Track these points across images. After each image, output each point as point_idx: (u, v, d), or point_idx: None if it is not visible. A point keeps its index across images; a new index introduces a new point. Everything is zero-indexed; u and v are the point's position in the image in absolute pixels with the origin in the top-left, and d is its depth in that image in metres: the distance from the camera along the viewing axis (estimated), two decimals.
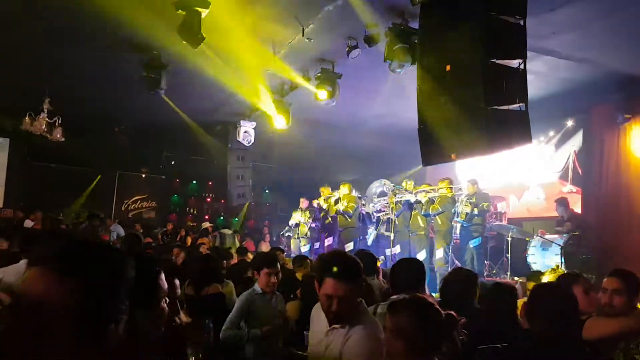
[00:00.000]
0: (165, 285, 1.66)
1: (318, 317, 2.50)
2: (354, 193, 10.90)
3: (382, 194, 11.67)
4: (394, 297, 2.34)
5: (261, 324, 3.91)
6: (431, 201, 9.43)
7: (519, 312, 3.22)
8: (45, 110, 8.91)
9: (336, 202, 10.61)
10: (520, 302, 3.42)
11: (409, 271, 4.77)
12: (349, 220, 10.41)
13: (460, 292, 3.51)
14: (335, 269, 2.35)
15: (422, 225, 9.60)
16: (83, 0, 6.24)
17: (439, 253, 9.10)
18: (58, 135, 9.34)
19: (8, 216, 12.63)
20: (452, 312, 2.12)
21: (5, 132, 12.53)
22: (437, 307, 2.07)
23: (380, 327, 2.36)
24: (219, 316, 3.87)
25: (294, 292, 4.91)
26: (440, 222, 9.22)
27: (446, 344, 2.08)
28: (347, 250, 9.09)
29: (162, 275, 1.65)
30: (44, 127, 8.88)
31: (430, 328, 1.98)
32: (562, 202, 8.92)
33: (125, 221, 14.21)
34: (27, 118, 8.87)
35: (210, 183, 17.56)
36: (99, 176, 15.17)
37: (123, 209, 16.34)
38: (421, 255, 9.25)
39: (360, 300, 2.45)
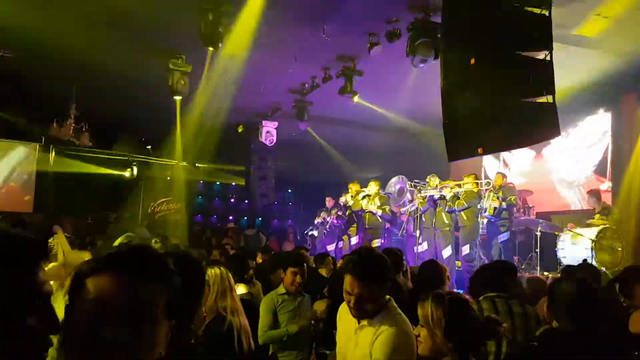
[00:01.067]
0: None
1: (346, 315, 2.48)
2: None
3: (401, 191, 11.58)
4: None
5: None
6: (456, 197, 9.30)
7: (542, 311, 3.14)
8: (72, 116, 9.10)
9: (363, 198, 10.52)
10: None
11: (434, 271, 4.76)
12: (380, 220, 10.29)
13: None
14: (353, 266, 2.33)
15: (446, 221, 9.47)
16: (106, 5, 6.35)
17: (465, 249, 8.97)
18: (86, 141, 9.53)
19: (38, 221, 12.92)
20: (495, 317, 2.09)
21: (34, 139, 12.80)
22: (471, 305, 2.08)
23: (409, 325, 2.33)
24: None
25: (320, 291, 4.90)
26: (465, 218, 9.08)
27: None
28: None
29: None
30: (71, 132, 9.07)
31: (464, 324, 1.96)
32: (595, 194, 8.69)
33: (153, 223, 14.40)
34: (54, 124, 9.07)
35: (233, 184, 17.68)
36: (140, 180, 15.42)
37: (150, 211, 16.57)
38: (446, 252, 9.12)
39: (390, 298, 2.42)
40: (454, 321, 2.03)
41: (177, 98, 8.35)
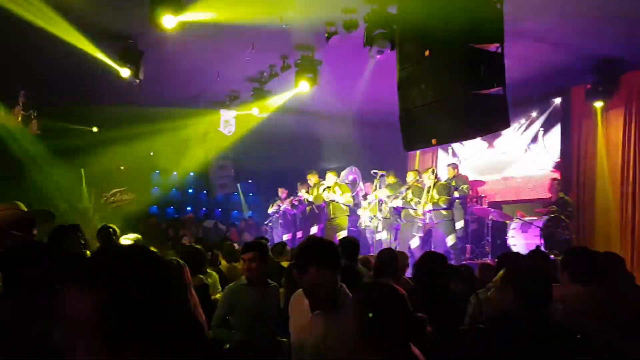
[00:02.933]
0: None
1: (299, 304, 2.50)
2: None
3: (354, 182, 11.73)
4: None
5: (248, 317, 3.87)
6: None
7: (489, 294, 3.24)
8: (21, 103, 8.73)
9: (323, 191, 10.56)
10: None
11: (391, 259, 4.85)
12: (345, 209, 10.33)
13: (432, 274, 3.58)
14: (316, 256, 2.36)
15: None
16: None
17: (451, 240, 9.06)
18: (34, 128, 9.18)
19: None
20: (421, 315, 2.03)
21: None
22: (406, 300, 1.88)
23: None
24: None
25: (279, 281, 4.90)
26: (445, 213, 9.12)
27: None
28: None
29: None
30: (19, 119, 8.72)
31: (391, 321, 1.80)
32: (556, 184, 8.89)
33: (106, 214, 14.01)
34: (1, 111, 8.69)
35: (191, 173, 17.38)
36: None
37: (102, 201, 16.10)
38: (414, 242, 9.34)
39: (342, 285, 2.46)
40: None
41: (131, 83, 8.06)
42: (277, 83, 9.16)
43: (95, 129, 13.19)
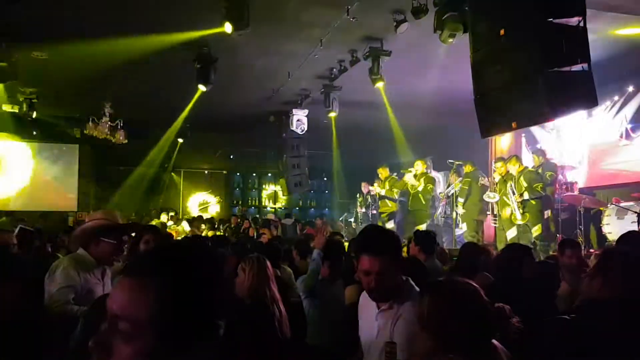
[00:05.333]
0: None
1: (367, 303, 2.41)
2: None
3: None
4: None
5: (326, 309, 3.87)
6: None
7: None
8: (107, 114, 9.28)
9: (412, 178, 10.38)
10: None
11: (473, 255, 4.62)
12: (424, 202, 10.12)
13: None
14: (364, 244, 2.28)
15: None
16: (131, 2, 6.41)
17: (537, 230, 8.69)
18: (121, 138, 9.73)
19: (83, 219, 13.39)
20: (503, 306, 1.88)
21: (74, 140, 13.20)
22: (481, 295, 1.72)
23: None
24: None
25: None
26: (534, 202, 8.74)
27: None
28: None
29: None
30: (107, 130, 9.27)
31: (464, 320, 1.64)
32: None
33: (192, 216, 14.69)
34: (90, 123, 9.28)
35: (269, 174, 17.81)
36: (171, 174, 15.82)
37: (190, 204, 16.94)
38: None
39: (407, 278, 2.34)
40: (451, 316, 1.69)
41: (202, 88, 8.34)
42: (346, 78, 9.10)
43: (180, 140, 13.89)
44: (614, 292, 1.99)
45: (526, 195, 8.69)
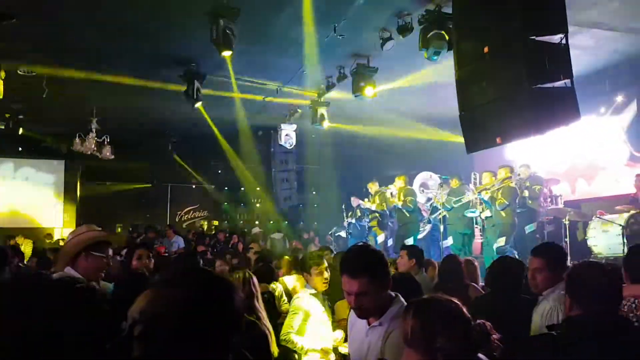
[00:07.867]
0: None
1: (357, 319, 2.40)
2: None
3: (424, 186, 11.51)
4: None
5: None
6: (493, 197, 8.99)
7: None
8: (94, 130, 9.25)
9: (392, 196, 10.40)
10: None
11: (454, 266, 4.65)
12: (408, 215, 10.14)
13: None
14: (345, 264, 2.26)
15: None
16: (119, 19, 6.44)
17: (501, 242, 8.66)
18: (108, 154, 9.68)
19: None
20: (484, 322, 1.91)
21: (60, 156, 13.11)
22: (464, 312, 1.75)
23: None
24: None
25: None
26: (504, 215, 8.73)
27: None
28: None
29: None
30: (93, 146, 9.22)
31: (451, 336, 1.66)
32: None
33: (180, 232, 14.59)
34: (76, 139, 9.23)
35: (257, 189, 17.77)
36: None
37: (177, 220, 16.84)
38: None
39: (396, 294, 2.35)
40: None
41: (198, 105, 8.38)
42: (334, 93, 9.18)
43: (177, 158, 13.87)
44: (583, 310, 2.06)
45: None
